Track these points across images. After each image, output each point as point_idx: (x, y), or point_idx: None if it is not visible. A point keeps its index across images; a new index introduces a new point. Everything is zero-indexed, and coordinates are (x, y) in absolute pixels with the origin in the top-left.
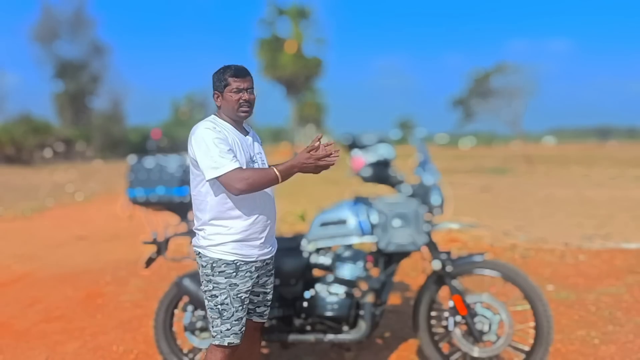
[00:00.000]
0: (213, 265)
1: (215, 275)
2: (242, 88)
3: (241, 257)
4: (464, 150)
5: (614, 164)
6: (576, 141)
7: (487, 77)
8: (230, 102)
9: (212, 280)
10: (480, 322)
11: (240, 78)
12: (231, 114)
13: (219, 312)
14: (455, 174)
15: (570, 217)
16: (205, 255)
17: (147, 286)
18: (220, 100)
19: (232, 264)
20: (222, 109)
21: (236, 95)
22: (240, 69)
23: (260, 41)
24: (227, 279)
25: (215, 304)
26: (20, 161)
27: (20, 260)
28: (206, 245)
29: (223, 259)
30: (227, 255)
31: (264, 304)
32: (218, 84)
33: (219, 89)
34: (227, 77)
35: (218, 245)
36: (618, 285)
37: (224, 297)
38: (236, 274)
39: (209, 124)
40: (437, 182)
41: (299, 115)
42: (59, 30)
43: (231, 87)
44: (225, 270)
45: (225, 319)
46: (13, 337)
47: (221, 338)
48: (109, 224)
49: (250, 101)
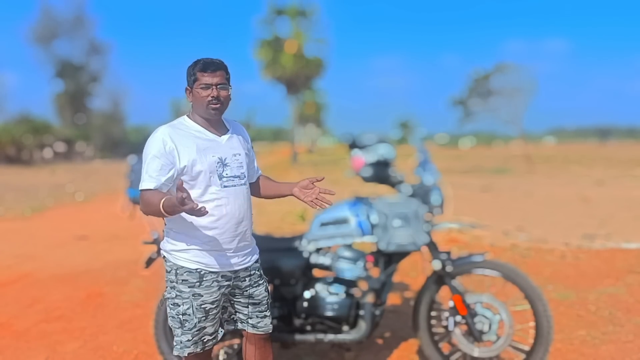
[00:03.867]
0: (177, 271)
1: (179, 283)
2: (211, 84)
3: (204, 265)
4: (464, 150)
5: (614, 164)
6: (576, 141)
7: (487, 77)
8: (198, 99)
9: (176, 287)
10: (480, 322)
11: (209, 73)
12: (201, 111)
13: (180, 322)
14: (455, 174)
15: (570, 217)
16: (169, 261)
17: (147, 286)
18: (191, 97)
19: (194, 272)
20: (194, 106)
21: (204, 91)
22: (209, 63)
23: (260, 41)
24: (190, 289)
25: (177, 313)
26: (20, 161)
27: (20, 260)
28: (170, 250)
29: (185, 267)
30: (189, 262)
31: (257, 316)
32: (188, 78)
33: (189, 84)
34: (196, 72)
35: (181, 252)
36: (618, 285)
37: (187, 307)
38: (200, 283)
39: (166, 131)
40: (437, 182)
41: (299, 115)
42: (58, 30)
43: (199, 82)
44: (187, 279)
45: (186, 330)
46: (13, 337)
47: (181, 349)
48: (109, 224)
49: (220, 98)
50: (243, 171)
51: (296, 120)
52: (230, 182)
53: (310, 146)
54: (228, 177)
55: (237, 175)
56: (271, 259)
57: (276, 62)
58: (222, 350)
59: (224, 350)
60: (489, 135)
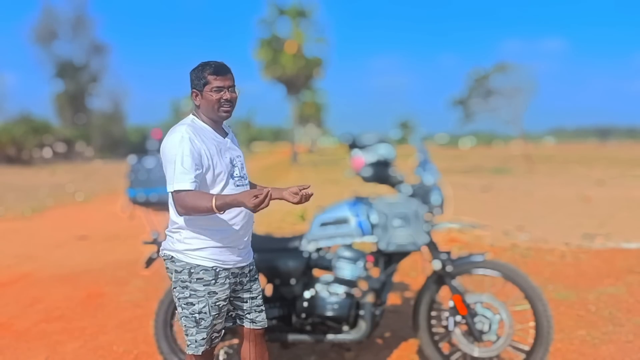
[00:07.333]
0: (191, 271)
1: (193, 282)
2: (223, 86)
3: (220, 263)
4: (464, 150)
5: (614, 164)
6: (576, 141)
7: (486, 77)
8: (210, 102)
9: (190, 287)
10: (481, 322)
11: (221, 76)
12: (211, 114)
13: (196, 321)
14: (455, 174)
15: (570, 217)
16: (181, 260)
17: (147, 286)
18: (200, 100)
19: (211, 270)
20: (202, 109)
21: (217, 94)
22: (220, 66)
23: (261, 41)
24: (205, 287)
25: (192, 312)
26: (20, 161)
27: (20, 260)
28: (183, 250)
29: (202, 265)
30: (205, 261)
31: (255, 310)
32: (197, 82)
33: (198, 88)
34: (207, 75)
35: (196, 250)
36: (618, 285)
37: (202, 305)
38: (215, 281)
39: (187, 130)
40: (437, 182)
41: (299, 115)
42: (58, 30)
43: (211, 85)
44: (203, 277)
45: (202, 328)
46: (13, 337)
47: (196, 347)
48: (109, 224)
49: (231, 100)
50: (245, 172)
51: (296, 120)
52: (240, 182)
53: (311, 146)
54: (238, 177)
55: (242, 175)
56: (271, 259)
57: (276, 62)
58: (222, 350)
59: (224, 350)
60: (489, 135)
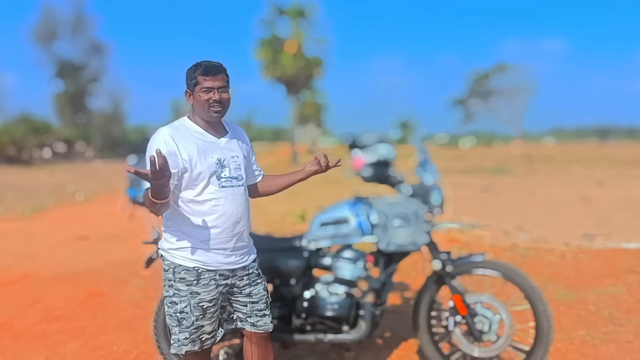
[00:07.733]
0: (174, 270)
1: (177, 281)
2: (213, 87)
3: (201, 264)
4: (464, 150)
5: (614, 164)
6: (576, 141)
7: (486, 77)
8: (199, 102)
9: (174, 286)
10: (481, 322)
11: (211, 76)
12: (202, 114)
13: (178, 321)
14: (455, 174)
15: (570, 217)
16: (167, 259)
17: (147, 286)
18: (192, 100)
19: (192, 270)
20: (194, 109)
21: (205, 95)
22: (211, 67)
23: (261, 41)
24: (188, 287)
25: (175, 311)
26: (20, 161)
27: (20, 260)
28: (167, 248)
29: (183, 265)
30: (187, 261)
31: (256, 314)
32: (189, 82)
33: (190, 88)
34: (197, 75)
35: (178, 250)
36: (618, 285)
37: (184, 305)
38: (197, 281)
39: (165, 131)
40: (437, 182)
41: (299, 115)
42: (58, 30)
43: (201, 85)
44: (185, 277)
45: (183, 328)
46: (13, 337)
47: (178, 347)
48: (109, 224)
49: (221, 101)
50: (241, 173)
51: (296, 120)
52: (228, 183)
53: (311, 146)
54: (226, 178)
55: (235, 176)
56: (271, 259)
57: (276, 62)
58: (222, 350)
59: (224, 350)
60: (489, 135)
